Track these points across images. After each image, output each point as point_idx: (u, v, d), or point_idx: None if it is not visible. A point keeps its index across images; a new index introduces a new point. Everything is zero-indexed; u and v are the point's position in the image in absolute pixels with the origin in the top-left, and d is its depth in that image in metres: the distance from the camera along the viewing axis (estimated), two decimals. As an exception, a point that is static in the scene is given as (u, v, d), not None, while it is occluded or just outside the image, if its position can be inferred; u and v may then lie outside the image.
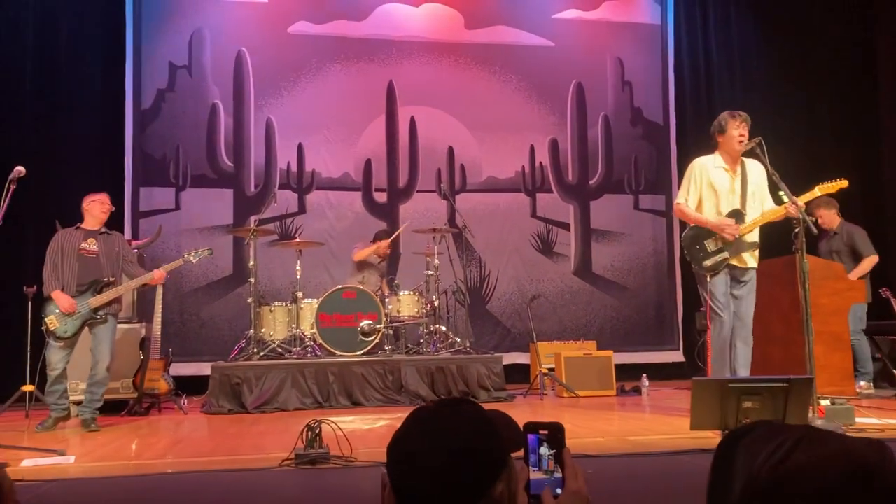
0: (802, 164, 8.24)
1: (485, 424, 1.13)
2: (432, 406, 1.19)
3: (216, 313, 8.47)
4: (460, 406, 1.16)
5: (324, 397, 6.53)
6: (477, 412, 1.16)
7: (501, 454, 1.12)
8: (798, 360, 5.04)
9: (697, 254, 5.19)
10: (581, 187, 9.57)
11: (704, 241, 5.17)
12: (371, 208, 9.02)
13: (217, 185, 8.71)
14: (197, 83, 8.78)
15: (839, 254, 6.98)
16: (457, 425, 1.11)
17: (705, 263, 5.15)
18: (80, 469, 3.72)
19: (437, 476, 1.06)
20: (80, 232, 5.64)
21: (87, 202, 5.69)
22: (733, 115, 5.17)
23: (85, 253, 5.56)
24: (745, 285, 5.18)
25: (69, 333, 5.40)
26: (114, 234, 5.81)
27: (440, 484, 1.06)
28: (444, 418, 1.13)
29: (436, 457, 1.07)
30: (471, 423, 1.12)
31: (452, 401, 1.20)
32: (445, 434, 1.10)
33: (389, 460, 1.13)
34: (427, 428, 1.12)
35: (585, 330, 9.11)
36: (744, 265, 5.17)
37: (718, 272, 5.12)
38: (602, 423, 5.32)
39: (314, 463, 3.52)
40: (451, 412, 1.15)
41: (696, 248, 5.20)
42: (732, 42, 9.98)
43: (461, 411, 1.15)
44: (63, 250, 5.53)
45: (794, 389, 4.14)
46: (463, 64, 9.41)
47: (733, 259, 5.14)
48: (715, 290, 5.12)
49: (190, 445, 4.68)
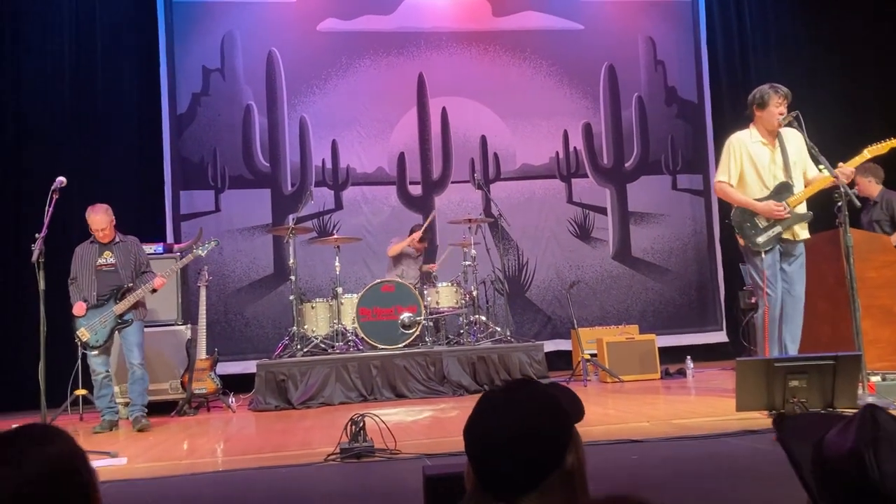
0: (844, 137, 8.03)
1: (550, 401, 1.21)
2: (501, 389, 1.27)
3: (259, 312, 8.60)
4: (527, 386, 1.25)
5: (368, 390, 6.59)
6: (542, 390, 1.24)
7: (568, 427, 1.20)
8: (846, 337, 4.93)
9: (749, 231, 5.06)
10: (617, 170, 9.48)
11: (755, 218, 5.06)
12: (406, 202, 9.05)
13: (255, 186, 8.81)
14: (230, 85, 8.89)
15: (880, 223, 6.79)
16: (526, 404, 1.20)
17: (758, 240, 5.02)
18: (132, 470, 3.81)
19: (514, 453, 1.14)
20: (95, 246, 5.76)
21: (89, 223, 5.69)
22: (776, 90, 5.03)
23: (102, 267, 5.71)
24: (795, 259, 5.07)
25: (101, 342, 5.60)
26: (128, 240, 5.88)
27: (517, 460, 1.14)
28: (514, 399, 1.21)
29: (511, 435, 1.15)
30: (538, 401, 1.20)
31: (519, 382, 1.28)
32: (517, 413, 1.18)
33: (467, 442, 1.21)
34: (500, 409, 1.20)
35: (627, 314, 9.03)
36: (795, 238, 5.07)
37: (772, 248, 5.02)
38: (647, 407, 5.28)
39: (359, 457, 3.56)
40: (519, 393, 1.23)
41: (747, 226, 5.07)
42: (767, 14, 9.76)
43: (528, 391, 1.23)
44: (82, 266, 5.71)
45: (842, 366, 4.06)
46: (492, 52, 9.37)
47: (786, 233, 5.04)
48: (766, 267, 5.01)
49: (238, 443, 4.77)
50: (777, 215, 4.96)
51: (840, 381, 4.05)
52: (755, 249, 5.04)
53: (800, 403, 4.00)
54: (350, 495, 3.05)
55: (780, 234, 5.01)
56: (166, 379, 6.62)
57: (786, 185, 5.04)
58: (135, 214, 7.68)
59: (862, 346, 4.47)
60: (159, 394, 6.47)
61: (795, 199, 5.00)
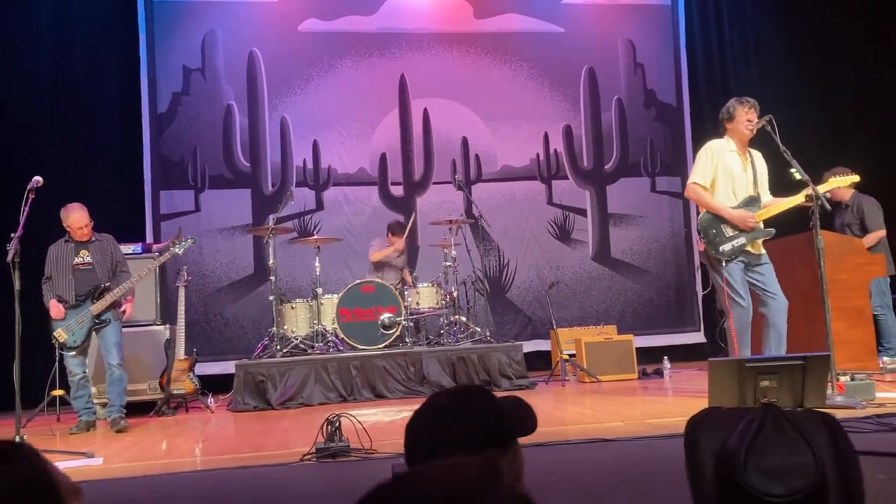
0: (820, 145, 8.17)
1: (493, 409, 1.24)
2: (447, 392, 1.30)
3: (239, 312, 8.59)
4: (472, 393, 1.28)
5: (347, 391, 6.61)
6: (486, 399, 1.27)
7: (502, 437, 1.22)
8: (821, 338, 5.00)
9: (714, 238, 5.10)
10: (597, 172, 9.55)
11: (721, 226, 5.10)
12: (388, 202, 9.08)
13: (235, 186, 8.81)
14: (211, 85, 8.88)
15: (850, 227, 6.90)
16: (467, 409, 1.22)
17: (723, 248, 5.06)
18: (109, 470, 3.81)
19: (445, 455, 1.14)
20: (70, 245, 5.69)
21: (65, 223, 5.65)
22: (741, 102, 5.14)
23: (79, 266, 5.65)
24: (764, 265, 5.12)
25: (78, 342, 5.56)
26: (104, 238, 5.83)
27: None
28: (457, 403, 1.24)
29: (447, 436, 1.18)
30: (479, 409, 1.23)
31: (466, 388, 1.31)
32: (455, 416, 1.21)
33: (407, 438, 1.25)
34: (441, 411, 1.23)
35: (606, 315, 9.10)
36: (758, 251, 5.13)
37: (734, 259, 5.07)
38: (624, 407, 5.33)
39: (335, 456, 3.58)
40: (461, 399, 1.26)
41: (712, 232, 5.11)
42: (746, 20, 9.87)
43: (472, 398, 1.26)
44: (58, 265, 5.64)
45: (812, 367, 4.13)
46: (473, 54, 9.41)
47: (749, 245, 5.09)
48: (732, 276, 5.02)
49: (216, 443, 4.77)
50: (749, 225, 5.02)
51: (810, 381, 4.13)
52: (717, 257, 5.09)
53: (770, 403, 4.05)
54: (324, 495, 3.07)
55: (743, 245, 5.06)
56: (144, 379, 6.60)
57: (754, 199, 5.13)
58: (114, 214, 7.64)
59: (832, 346, 4.54)
60: (137, 394, 6.46)
61: (761, 213, 5.09)
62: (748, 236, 5.05)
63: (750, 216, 5.03)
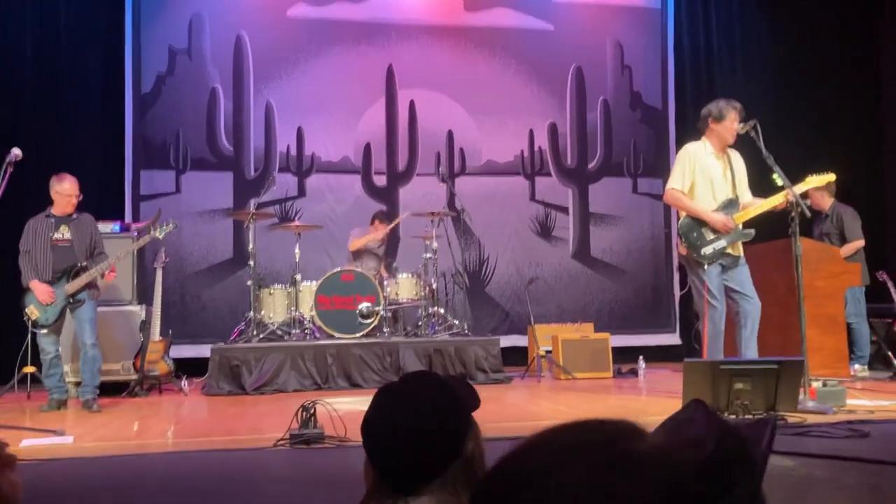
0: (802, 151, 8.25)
1: (446, 390, 1.21)
2: (398, 381, 1.28)
3: (217, 296, 8.53)
4: (423, 378, 1.27)
5: (322, 379, 6.60)
6: (438, 381, 1.25)
7: (465, 416, 1.20)
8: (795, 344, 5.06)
9: (695, 241, 5.11)
10: (580, 171, 9.59)
11: (702, 229, 5.11)
12: (370, 192, 9.05)
13: (217, 169, 8.74)
14: (196, 67, 8.80)
15: (829, 236, 6.98)
16: (423, 395, 1.19)
17: (704, 251, 5.07)
18: (79, 449, 3.78)
19: (415, 443, 1.13)
20: (51, 220, 5.59)
21: (54, 192, 5.57)
22: (733, 106, 5.11)
23: (58, 242, 5.54)
24: (741, 269, 5.15)
25: (51, 321, 5.47)
26: (84, 217, 5.74)
27: (418, 450, 1.13)
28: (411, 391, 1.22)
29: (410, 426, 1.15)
30: (434, 392, 1.20)
31: (415, 374, 1.30)
32: (415, 404, 1.18)
33: (365, 436, 1.20)
34: (398, 401, 1.20)
35: (583, 313, 9.14)
36: (738, 253, 5.16)
37: (715, 261, 5.09)
38: (597, 404, 5.37)
39: (308, 443, 3.58)
40: (415, 384, 1.24)
41: (693, 236, 5.12)
42: (734, 26, 9.94)
43: (424, 382, 1.24)
44: (36, 240, 5.52)
45: (785, 372, 4.19)
46: (462, 47, 9.40)
47: (728, 247, 5.12)
48: (710, 279, 5.04)
49: (189, 426, 4.75)
50: (729, 228, 5.05)
51: (783, 386, 4.18)
52: (699, 260, 5.10)
53: (743, 405, 4.11)
54: (296, 480, 3.07)
55: (724, 248, 5.08)
56: (118, 360, 6.55)
57: (733, 202, 5.15)
58: (94, 193, 7.50)
59: (806, 352, 4.60)
60: (111, 374, 6.40)
61: (740, 215, 5.11)
62: (728, 238, 5.08)
63: (730, 220, 5.06)
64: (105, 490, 2.91)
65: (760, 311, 5.08)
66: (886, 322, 7.22)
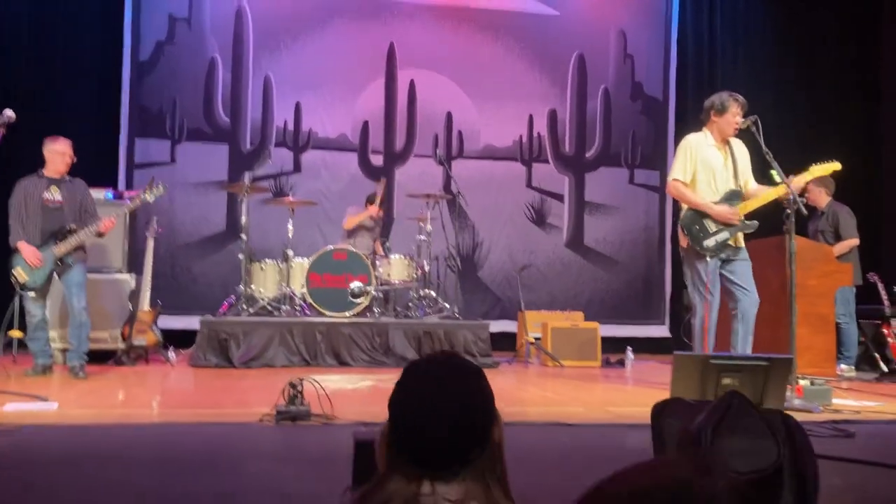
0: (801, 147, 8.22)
1: (478, 375, 1.21)
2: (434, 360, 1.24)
3: (208, 269, 8.49)
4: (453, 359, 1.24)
5: (311, 356, 6.58)
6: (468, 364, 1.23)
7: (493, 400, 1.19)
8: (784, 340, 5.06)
9: (698, 233, 5.07)
10: (577, 159, 9.55)
11: (704, 221, 5.07)
12: (366, 170, 9.00)
13: (213, 141, 8.67)
14: (196, 37, 8.71)
15: (824, 234, 6.97)
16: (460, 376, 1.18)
17: (706, 244, 5.03)
18: (63, 416, 3.75)
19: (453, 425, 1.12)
20: (43, 180, 5.53)
21: (48, 151, 5.53)
22: (735, 99, 5.08)
23: (48, 203, 5.48)
24: (742, 262, 5.12)
25: (38, 283, 5.41)
26: (76, 181, 5.68)
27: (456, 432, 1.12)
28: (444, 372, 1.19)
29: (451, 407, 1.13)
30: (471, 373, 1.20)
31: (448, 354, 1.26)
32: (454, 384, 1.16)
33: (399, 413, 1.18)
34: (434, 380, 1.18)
35: (574, 301, 9.13)
36: (739, 245, 5.14)
37: (717, 254, 5.06)
38: (584, 393, 5.37)
39: (294, 420, 3.56)
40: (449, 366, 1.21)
41: (696, 228, 5.08)
42: (738, 21, 9.89)
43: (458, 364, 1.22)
44: (27, 200, 5.46)
45: (774, 369, 4.18)
46: (466, 28, 9.32)
47: (731, 239, 5.09)
48: (709, 271, 5.04)
49: (174, 397, 4.73)
50: (733, 220, 5.02)
51: (771, 383, 4.17)
52: (701, 253, 5.07)
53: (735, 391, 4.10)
54: (281, 457, 3.05)
55: (726, 239, 5.05)
56: (106, 328, 6.50)
57: (736, 193, 5.11)
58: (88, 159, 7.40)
59: (795, 350, 4.60)
60: (98, 342, 6.34)
61: (744, 206, 5.08)
62: (732, 230, 5.06)
63: (734, 211, 5.03)
64: (87, 458, 2.89)
65: (757, 306, 5.07)
66: (875, 323, 7.24)
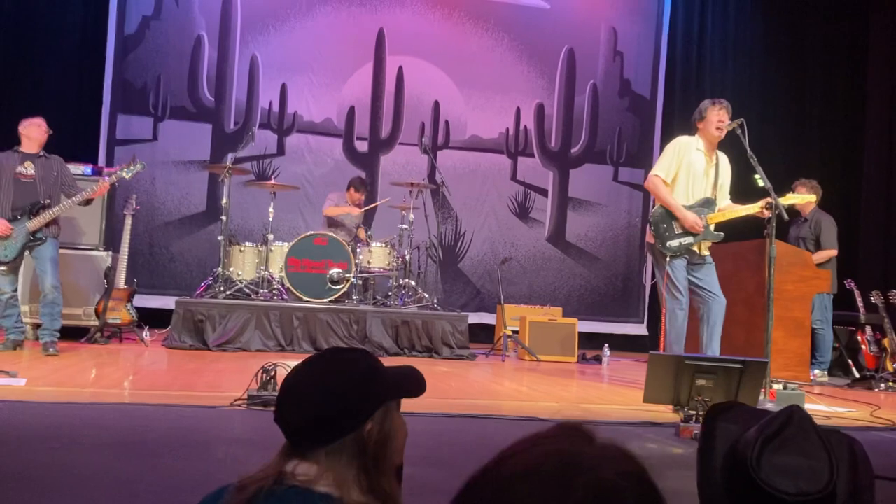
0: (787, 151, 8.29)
1: (366, 371, 1.23)
2: (330, 350, 1.31)
3: (186, 249, 8.42)
4: (351, 351, 1.29)
5: (287, 341, 6.54)
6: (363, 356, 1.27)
7: (377, 398, 1.21)
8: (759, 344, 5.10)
9: (664, 232, 5.11)
10: (563, 155, 9.55)
11: (672, 222, 5.11)
12: (351, 156, 8.95)
13: (196, 119, 8.58)
14: (183, 13, 8.60)
15: (805, 241, 7.01)
16: (339, 366, 1.23)
17: (670, 244, 5.08)
18: (32, 392, 3.70)
19: (310, 409, 1.17)
20: (17, 155, 5.48)
21: (23, 126, 5.51)
22: (714, 103, 5.15)
23: (21, 177, 5.42)
24: (706, 266, 5.18)
25: (9, 258, 5.33)
26: (52, 157, 5.62)
27: (311, 412, 1.17)
28: (332, 357, 1.26)
29: (313, 389, 1.19)
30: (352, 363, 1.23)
31: (350, 349, 1.33)
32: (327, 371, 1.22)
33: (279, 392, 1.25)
34: (315, 365, 1.24)
35: (553, 296, 9.16)
36: (704, 252, 5.18)
37: (679, 255, 5.11)
38: (559, 388, 5.37)
39: (266, 405, 3.53)
40: (341, 356, 1.27)
41: (663, 227, 5.12)
42: (728, 23, 9.92)
43: (348, 354, 1.27)
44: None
45: (749, 372, 4.19)
46: (456, 17, 9.27)
47: (695, 245, 5.13)
48: (675, 273, 5.05)
49: (146, 377, 4.68)
50: (697, 229, 5.06)
51: (744, 386, 4.19)
52: (663, 252, 5.11)
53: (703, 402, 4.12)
54: (250, 442, 3.02)
55: (690, 244, 5.09)
56: (80, 304, 6.43)
57: (710, 201, 5.16)
58: (68, 133, 7.39)
59: (770, 354, 4.62)
60: (72, 318, 6.29)
61: (714, 216, 5.12)
62: (697, 237, 5.09)
63: (700, 220, 5.06)
64: (53, 437, 2.84)
65: (725, 308, 5.11)
66: (850, 330, 7.30)
